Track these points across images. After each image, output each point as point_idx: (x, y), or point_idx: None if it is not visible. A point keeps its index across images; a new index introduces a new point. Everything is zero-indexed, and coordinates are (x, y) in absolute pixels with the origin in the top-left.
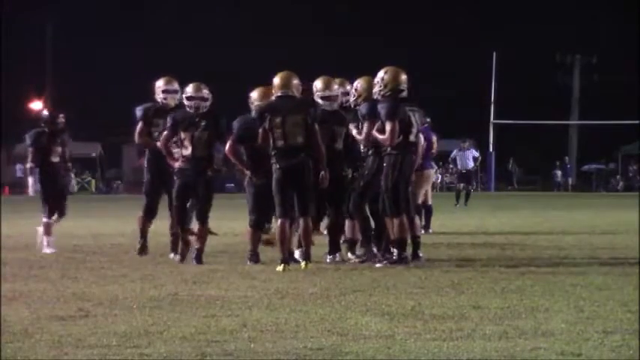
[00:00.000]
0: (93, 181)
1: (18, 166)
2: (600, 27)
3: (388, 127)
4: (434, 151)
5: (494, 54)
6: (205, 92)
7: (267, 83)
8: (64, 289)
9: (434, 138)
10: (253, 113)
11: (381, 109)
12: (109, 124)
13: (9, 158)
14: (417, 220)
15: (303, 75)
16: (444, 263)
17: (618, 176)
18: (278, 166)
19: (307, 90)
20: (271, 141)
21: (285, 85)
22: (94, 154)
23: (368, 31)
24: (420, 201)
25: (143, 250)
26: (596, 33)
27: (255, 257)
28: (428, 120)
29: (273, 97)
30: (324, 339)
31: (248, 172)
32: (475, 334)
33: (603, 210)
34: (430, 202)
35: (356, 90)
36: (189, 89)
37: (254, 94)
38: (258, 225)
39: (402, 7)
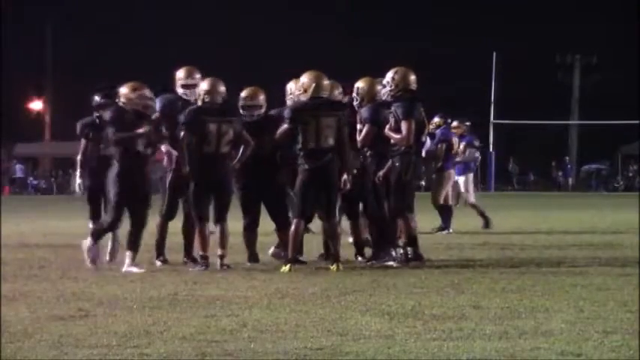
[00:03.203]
0: None
1: (18, 167)
2: (600, 27)
3: (404, 126)
4: (453, 152)
5: (494, 54)
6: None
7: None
8: (64, 289)
9: (454, 139)
10: (286, 112)
11: (397, 108)
12: None
13: (9, 158)
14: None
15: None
16: (444, 263)
17: (618, 176)
18: (306, 166)
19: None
20: (301, 141)
21: (320, 86)
22: None
23: (368, 31)
24: (442, 202)
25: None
26: (596, 33)
27: (254, 258)
28: (449, 121)
29: (306, 98)
30: (324, 339)
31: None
32: (475, 334)
33: (603, 210)
34: (451, 203)
35: (357, 93)
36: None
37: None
38: (253, 226)
39: (402, 6)
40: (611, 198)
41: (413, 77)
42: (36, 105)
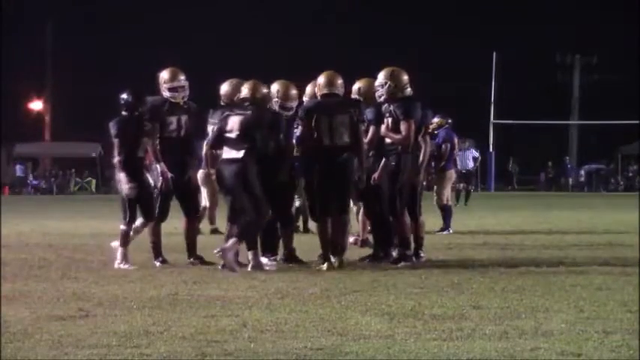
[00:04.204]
0: (93, 181)
1: (18, 166)
2: (600, 27)
3: (405, 126)
4: (456, 152)
5: (494, 54)
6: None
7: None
8: (64, 289)
9: (456, 139)
10: (299, 111)
11: (397, 108)
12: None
13: (9, 158)
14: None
15: (301, 75)
16: (444, 263)
17: (619, 176)
18: (323, 164)
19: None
20: (316, 139)
21: (331, 83)
22: (94, 154)
23: (368, 31)
24: (445, 202)
25: None
26: (596, 33)
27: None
28: (449, 121)
29: (318, 96)
30: (324, 339)
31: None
32: (475, 334)
33: (603, 210)
34: (450, 203)
35: (359, 94)
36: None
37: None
38: None
39: (403, 6)
40: (611, 198)
41: (406, 77)
42: (36, 105)
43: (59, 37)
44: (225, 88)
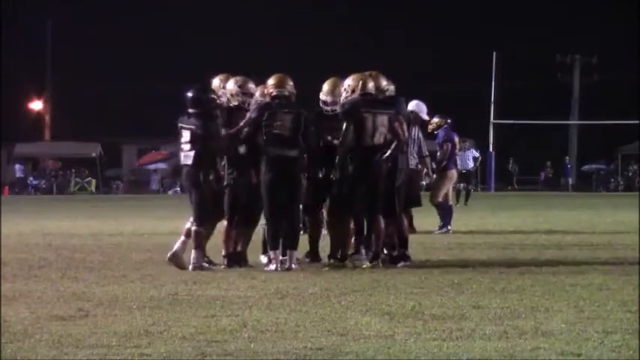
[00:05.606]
0: (93, 181)
1: (17, 166)
2: (600, 27)
3: (397, 125)
4: (456, 151)
5: (494, 54)
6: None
7: None
8: (64, 289)
9: (456, 139)
10: (339, 109)
11: None
12: (109, 124)
13: (9, 158)
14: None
15: (303, 76)
16: (444, 263)
17: (619, 177)
18: (359, 163)
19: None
20: (355, 138)
21: (366, 85)
22: (94, 154)
23: (369, 31)
24: (440, 200)
25: None
26: (596, 33)
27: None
28: (449, 121)
29: (355, 96)
30: (324, 339)
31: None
32: (475, 334)
33: (603, 210)
34: (450, 203)
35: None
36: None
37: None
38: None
39: (403, 6)
40: (611, 198)
41: (384, 82)
42: (36, 105)
43: (59, 37)
44: (215, 83)
